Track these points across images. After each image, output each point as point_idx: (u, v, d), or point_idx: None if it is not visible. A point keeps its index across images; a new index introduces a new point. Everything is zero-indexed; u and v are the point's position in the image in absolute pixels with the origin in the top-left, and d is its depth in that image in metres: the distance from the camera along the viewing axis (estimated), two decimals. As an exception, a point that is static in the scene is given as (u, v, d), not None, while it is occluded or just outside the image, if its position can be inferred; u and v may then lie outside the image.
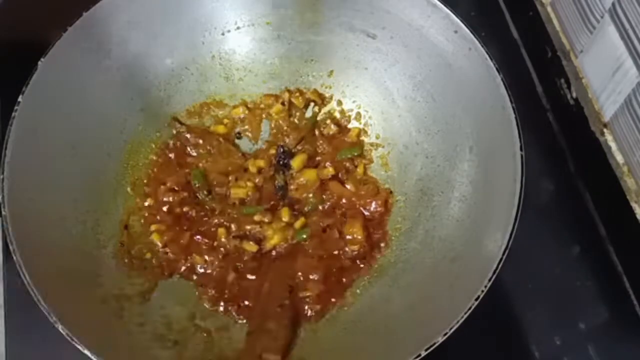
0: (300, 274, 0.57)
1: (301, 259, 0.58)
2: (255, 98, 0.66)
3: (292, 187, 0.62)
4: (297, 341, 0.54)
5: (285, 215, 0.60)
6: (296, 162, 0.62)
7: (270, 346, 0.52)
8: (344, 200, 0.61)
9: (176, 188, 0.61)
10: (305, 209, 0.61)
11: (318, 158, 0.63)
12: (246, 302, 0.56)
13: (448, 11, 0.57)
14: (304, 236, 0.59)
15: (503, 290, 0.61)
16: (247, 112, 0.65)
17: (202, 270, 0.58)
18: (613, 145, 0.63)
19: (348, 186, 0.61)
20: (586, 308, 0.62)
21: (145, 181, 0.62)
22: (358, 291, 0.57)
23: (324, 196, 0.61)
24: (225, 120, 0.65)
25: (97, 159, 0.59)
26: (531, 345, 0.60)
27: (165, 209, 0.60)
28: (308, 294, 0.56)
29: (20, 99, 0.53)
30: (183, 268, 0.58)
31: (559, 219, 0.66)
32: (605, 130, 0.64)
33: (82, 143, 0.58)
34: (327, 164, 0.62)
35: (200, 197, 0.61)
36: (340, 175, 0.62)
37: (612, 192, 0.63)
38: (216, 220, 0.60)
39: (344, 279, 0.57)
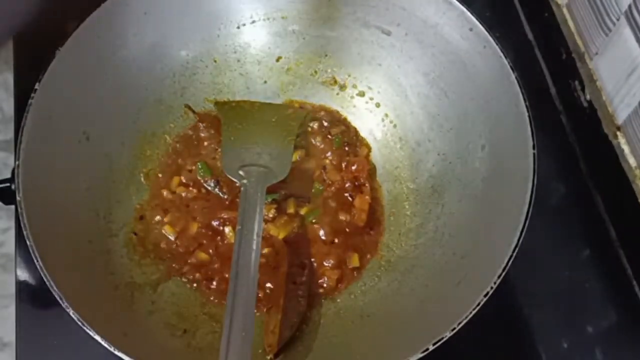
0: (313, 259, 0.57)
1: (313, 244, 0.58)
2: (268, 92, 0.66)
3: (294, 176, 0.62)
4: (306, 330, 0.55)
5: (291, 206, 0.60)
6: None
7: (282, 322, 0.53)
8: (347, 184, 0.61)
9: (184, 180, 0.62)
10: (312, 191, 0.61)
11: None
12: (259, 295, 0.56)
13: (463, 9, 0.57)
14: (314, 218, 0.60)
15: (511, 291, 0.61)
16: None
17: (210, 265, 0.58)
18: (626, 148, 0.63)
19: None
20: (595, 311, 0.62)
21: (158, 171, 0.62)
22: (367, 286, 0.57)
23: (326, 181, 0.62)
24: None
25: (110, 148, 0.59)
26: (538, 347, 0.60)
27: (177, 200, 0.61)
28: (326, 283, 0.57)
29: (37, 86, 0.54)
30: (189, 262, 0.58)
31: (569, 221, 0.66)
32: (618, 133, 0.64)
33: (97, 132, 0.58)
34: (328, 154, 0.63)
35: (210, 189, 0.61)
36: (343, 164, 0.62)
37: (623, 195, 0.62)
38: (225, 215, 0.60)
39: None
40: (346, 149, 0.63)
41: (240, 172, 0.58)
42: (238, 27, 0.65)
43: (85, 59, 0.57)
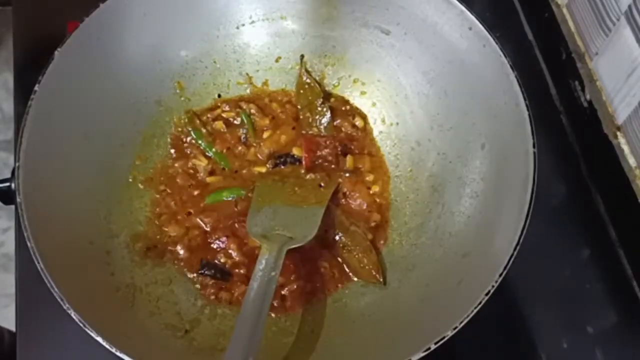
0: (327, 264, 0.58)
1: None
2: (270, 93, 0.66)
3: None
4: (307, 330, 0.55)
5: None
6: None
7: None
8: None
9: (185, 181, 0.61)
10: None
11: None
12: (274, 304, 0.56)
13: (463, 8, 0.57)
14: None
15: (511, 292, 0.61)
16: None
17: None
18: (626, 148, 0.63)
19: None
20: (595, 311, 0.62)
21: (159, 172, 0.62)
22: (367, 285, 0.57)
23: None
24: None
25: (110, 149, 0.59)
26: (538, 347, 0.60)
27: (178, 201, 0.61)
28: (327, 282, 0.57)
29: (37, 87, 0.54)
30: (191, 263, 0.58)
31: (569, 221, 0.66)
32: (618, 133, 0.64)
33: (96, 133, 0.58)
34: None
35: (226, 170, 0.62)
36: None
37: (623, 195, 0.62)
38: (229, 220, 0.59)
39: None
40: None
41: (264, 234, 0.56)
42: (237, 28, 0.65)
43: (85, 60, 0.57)
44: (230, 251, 0.58)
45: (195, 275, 0.57)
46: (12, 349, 0.57)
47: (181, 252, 0.58)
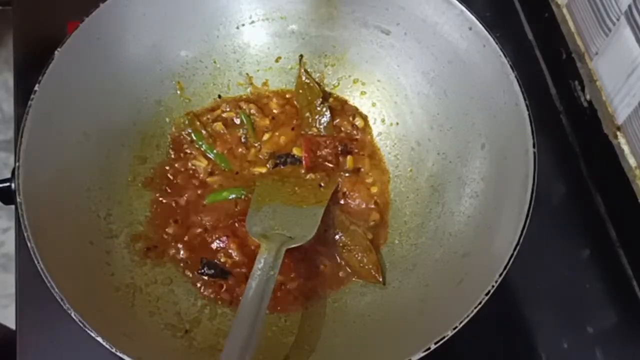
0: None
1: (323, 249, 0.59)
2: (270, 93, 0.66)
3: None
4: (308, 330, 0.55)
5: None
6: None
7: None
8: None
9: (185, 181, 0.62)
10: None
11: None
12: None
13: (462, 8, 0.57)
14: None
15: (511, 292, 0.61)
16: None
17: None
18: (626, 148, 0.63)
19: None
20: (594, 311, 0.62)
21: (159, 172, 0.62)
22: (367, 286, 0.57)
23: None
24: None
25: (110, 149, 0.59)
26: (538, 348, 0.60)
27: (179, 201, 0.61)
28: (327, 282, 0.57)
29: (37, 87, 0.54)
30: (191, 264, 0.58)
31: (569, 221, 0.66)
32: (618, 133, 0.64)
33: (96, 133, 0.58)
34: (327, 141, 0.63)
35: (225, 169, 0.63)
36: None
37: (623, 195, 0.62)
38: (229, 220, 0.59)
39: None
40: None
41: (264, 233, 0.56)
42: (237, 28, 0.65)
43: (85, 59, 0.57)
44: (230, 251, 0.58)
45: (195, 275, 0.57)
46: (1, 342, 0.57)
47: (181, 252, 0.58)
